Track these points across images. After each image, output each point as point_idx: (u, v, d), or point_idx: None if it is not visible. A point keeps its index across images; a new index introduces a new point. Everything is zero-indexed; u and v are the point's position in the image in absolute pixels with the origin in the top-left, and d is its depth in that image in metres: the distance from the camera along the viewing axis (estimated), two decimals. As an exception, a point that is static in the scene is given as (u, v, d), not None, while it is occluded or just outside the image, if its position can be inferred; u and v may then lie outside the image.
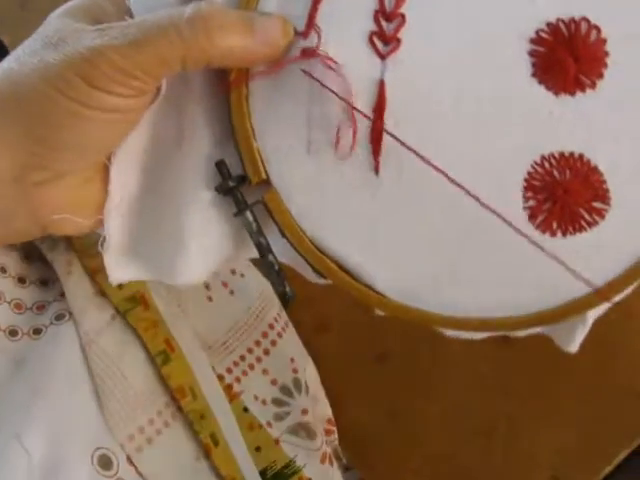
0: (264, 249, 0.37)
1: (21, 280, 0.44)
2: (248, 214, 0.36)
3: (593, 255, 0.35)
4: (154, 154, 0.38)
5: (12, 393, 0.41)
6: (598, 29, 0.34)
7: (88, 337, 0.42)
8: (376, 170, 0.35)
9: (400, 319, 0.36)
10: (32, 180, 0.35)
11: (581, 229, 0.35)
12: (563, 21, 0.34)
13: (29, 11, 0.67)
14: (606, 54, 0.34)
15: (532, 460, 0.58)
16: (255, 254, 0.37)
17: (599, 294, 0.34)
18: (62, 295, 0.44)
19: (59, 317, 0.43)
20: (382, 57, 0.34)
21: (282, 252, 0.37)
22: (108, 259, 0.39)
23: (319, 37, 0.34)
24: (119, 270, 0.39)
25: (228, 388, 0.47)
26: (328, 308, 0.58)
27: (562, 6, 0.34)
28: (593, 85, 0.34)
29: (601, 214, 0.34)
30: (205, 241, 0.38)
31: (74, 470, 0.40)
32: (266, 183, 0.36)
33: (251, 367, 0.49)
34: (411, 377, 0.58)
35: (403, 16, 0.34)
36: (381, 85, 0.34)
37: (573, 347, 0.37)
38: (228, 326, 0.50)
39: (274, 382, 0.50)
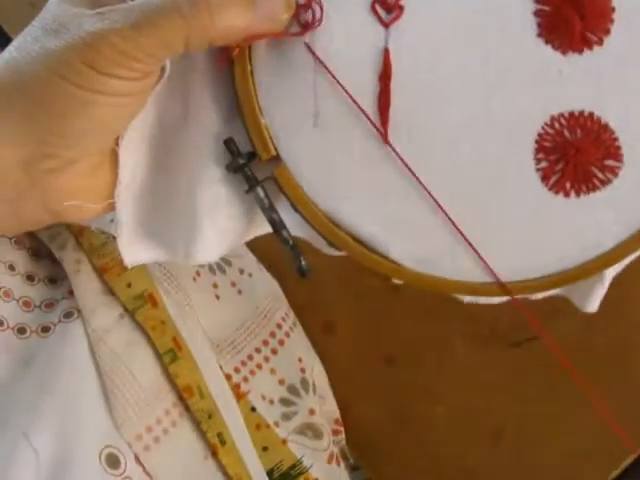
0: (277, 225, 0.37)
1: (30, 278, 0.44)
2: (259, 190, 0.36)
3: (608, 214, 0.35)
4: (161, 135, 0.38)
5: (20, 391, 0.41)
6: None
7: (96, 335, 0.42)
8: (385, 139, 0.35)
9: (416, 286, 0.36)
10: (41, 168, 0.35)
11: (594, 188, 0.35)
12: None
13: (39, 9, 0.67)
14: (612, 10, 0.33)
15: (539, 463, 0.57)
16: (268, 229, 0.37)
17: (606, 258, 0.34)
18: (70, 293, 0.44)
19: (68, 315, 0.43)
20: (385, 25, 0.34)
21: (295, 226, 0.37)
22: (121, 242, 0.39)
23: (321, 9, 0.34)
24: (133, 252, 0.39)
25: (236, 387, 0.47)
26: (336, 310, 0.58)
27: None
28: (600, 42, 0.33)
29: (614, 172, 0.34)
30: (217, 219, 0.38)
31: (82, 469, 0.39)
32: (276, 159, 0.36)
33: (259, 367, 0.49)
34: (418, 379, 0.58)
35: None
36: (386, 53, 0.34)
37: (591, 307, 0.37)
38: (236, 325, 0.50)
39: (282, 382, 0.50)
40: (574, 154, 0.34)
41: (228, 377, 0.47)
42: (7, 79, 0.34)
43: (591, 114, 0.34)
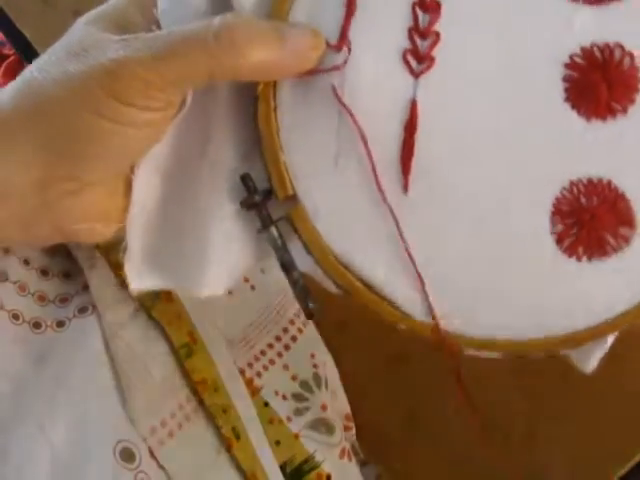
0: (289, 266, 0.36)
1: (44, 272, 0.45)
2: (273, 230, 0.36)
3: (618, 279, 0.35)
4: (178, 165, 0.38)
5: (36, 385, 0.41)
6: (632, 56, 0.33)
7: (111, 330, 0.43)
8: (405, 189, 0.34)
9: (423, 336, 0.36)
10: (55, 190, 0.34)
11: (606, 254, 0.35)
12: (598, 46, 0.33)
13: (51, 5, 0.67)
14: (639, 81, 0.33)
15: (547, 461, 0.58)
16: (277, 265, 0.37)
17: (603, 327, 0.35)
18: (85, 288, 0.44)
19: (82, 310, 0.44)
20: (415, 75, 0.34)
21: (304, 262, 0.36)
22: (129, 267, 0.39)
23: (349, 51, 0.34)
24: (139, 279, 0.39)
25: (249, 382, 0.47)
26: (348, 307, 0.59)
27: (597, 32, 0.33)
28: (625, 111, 0.33)
29: (626, 239, 0.34)
30: (227, 254, 0.37)
31: (97, 462, 0.40)
32: (292, 198, 0.35)
33: (272, 362, 0.49)
34: (429, 377, 0.58)
35: (437, 34, 0.34)
36: (413, 105, 0.34)
37: (589, 367, 0.37)
38: (249, 321, 0.50)
39: (294, 377, 0.50)
40: (589, 220, 0.34)
41: (241, 372, 0.47)
42: (27, 100, 0.34)
43: (609, 182, 0.34)
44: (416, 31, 0.34)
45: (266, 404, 0.47)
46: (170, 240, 0.39)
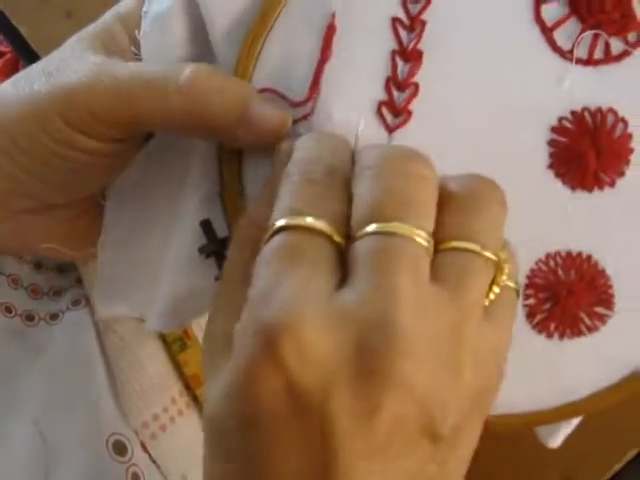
0: None
1: (38, 266, 0.44)
2: None
3: (589, 361, 0.32)
4: (146, 196, 0.37)
5: (29, 378, 0.41)
6: (625, 122, 0.31)
7: (104, 323, 0.43)
8: None
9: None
10: (18, 207, 0.34)
11: (579, 334, 0.32)
12: (589, 110, 0.31)
13: (47, 1, 0.67)
14: (630, 151, 0.31)
15: (541, 455, 0.57)
16: None
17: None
18: (79, 282, 0.44)
19: (76, 303, 0.44)
20: (390, 130, 0.31)
21: None
22: (98, 294, 0.39)
23: (315, 102, 0.31)
24: (107, 306, 0.40)
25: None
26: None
27: (590, 94, 0.31)
28: (612, 184, 0.31)
29: (602, 320, 0.32)
30: (185, 293, 0.36)
31: (89, 455, 0.40)
32: None
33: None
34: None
35: (417, 86, 0.31)
36: None
37: (555, 443, 0.35)
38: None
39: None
40: (565, 296, 0.32)
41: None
42: None
43: (589, 257, 0.31)
44: (394, 82, 0.31)
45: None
46: (135, 271, 0.38)
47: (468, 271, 0.25)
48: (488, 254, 0.25)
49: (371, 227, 0.24)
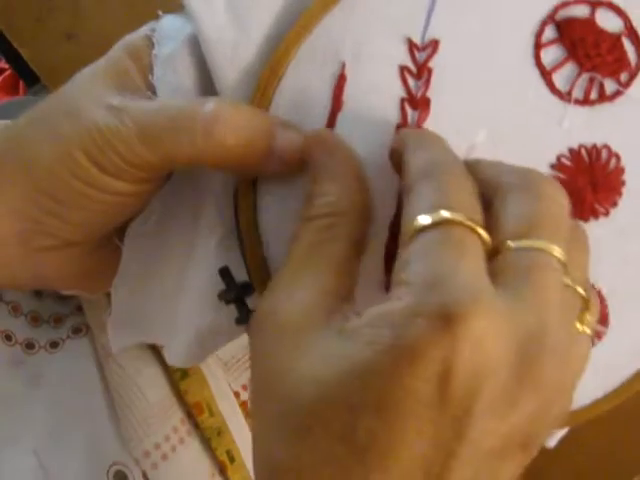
0: None
1: (38, 293, 0.44)
2: None
3: (587, 371, 0.33)
4: (163, 236, 0.37)
5: (29, 408, 0.41)
6: (618, 157, 0.33)
7: (105, 351, 0.42)
8: (387, 288, 0.32)
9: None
10: (36, 244, 0.34)
11: None
12: (585, 148, 0.33)
13: (45, 25, 0.67)
14: (622, 183, 0.33)
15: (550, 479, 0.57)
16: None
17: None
18: (79, 309, 0.44)
19: (76, 331, 0.43)
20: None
21: None
22: (111, 330, 0.39)
23: None
24: (121, 341, 0.40)
25: (244, 405, 0.47)
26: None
27: (586, 132, 0.33)
28: (607, 213, 0.33)
29: (599, 336, 0.34)
30: (205, 334, 0.36)
31: None
32: None
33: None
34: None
35: None
36: (399, 206, 0.32)
37: (550, 444, 0.36)
38: (244, 343, 0.50)
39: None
40: None
41: (236, 395, 0.47)
42: (12, 153, 0.33)
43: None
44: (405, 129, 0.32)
45: (261, 427, 0.47)
46: (151, 309, 0.38)
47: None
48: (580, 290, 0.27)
49: (526, 242, 0.26)
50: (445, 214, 0.25)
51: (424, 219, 0.25)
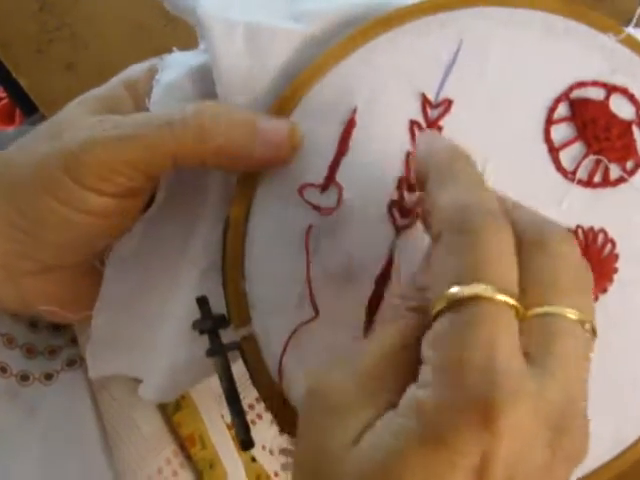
0: (232, 396, 0.34)
1: (33, 324, 0.44)
2: (221, 359, 0.33)
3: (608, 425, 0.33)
4: (146, 263, 0.37)
5: (23, 440, 0.41)
6: (614, 243, 0.33)
7: (99, 383, 0.43)
8: (365, 335, 0.32)
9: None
10: (18, 268, 0.34)
11: None
12: (582, 229, 0.33)
13: (45, 55, 0.68)
14: (615, 270, 0.33)
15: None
16: None
17: None
18: (73, 341, 0.44)
19: (71, 363, 0.43)
20: (397, 229, 0.32)
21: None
22: (89, 355, 0.40)
23: (340, 196, 0.32)
24: (98, 367, 0.40)
25: (237, 437, 0.47)
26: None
27: (585, 214, 0.33)
28: (595, 299, 0.32)
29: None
30: (181, 365, 0.36)
31: None
32: (248, 326, 0.32)
33: (259, 417, 0.48)
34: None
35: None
36: (388, 260, 0.32)
37: None
38: (238, 375, 0.50)
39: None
40: None
41: (229, 427, 0.47)
42: (2, 178, 0.34)
43: None
44: (407, 183, 0.32)
45: (253, 459, 0.47)
46: (130, 336, 0.39)
47: None
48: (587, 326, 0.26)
49: (552, 309, 0.25)
50: (481, 289, 0.23)
51: (457, 290, 0.23)
